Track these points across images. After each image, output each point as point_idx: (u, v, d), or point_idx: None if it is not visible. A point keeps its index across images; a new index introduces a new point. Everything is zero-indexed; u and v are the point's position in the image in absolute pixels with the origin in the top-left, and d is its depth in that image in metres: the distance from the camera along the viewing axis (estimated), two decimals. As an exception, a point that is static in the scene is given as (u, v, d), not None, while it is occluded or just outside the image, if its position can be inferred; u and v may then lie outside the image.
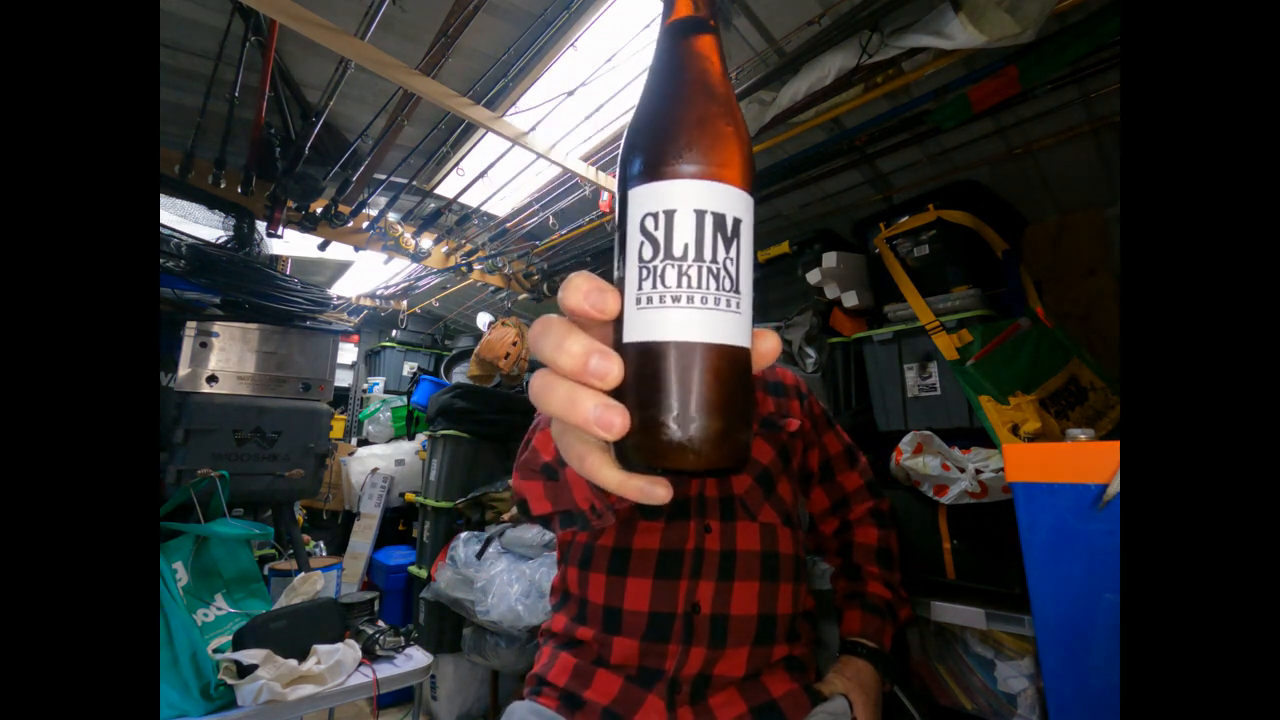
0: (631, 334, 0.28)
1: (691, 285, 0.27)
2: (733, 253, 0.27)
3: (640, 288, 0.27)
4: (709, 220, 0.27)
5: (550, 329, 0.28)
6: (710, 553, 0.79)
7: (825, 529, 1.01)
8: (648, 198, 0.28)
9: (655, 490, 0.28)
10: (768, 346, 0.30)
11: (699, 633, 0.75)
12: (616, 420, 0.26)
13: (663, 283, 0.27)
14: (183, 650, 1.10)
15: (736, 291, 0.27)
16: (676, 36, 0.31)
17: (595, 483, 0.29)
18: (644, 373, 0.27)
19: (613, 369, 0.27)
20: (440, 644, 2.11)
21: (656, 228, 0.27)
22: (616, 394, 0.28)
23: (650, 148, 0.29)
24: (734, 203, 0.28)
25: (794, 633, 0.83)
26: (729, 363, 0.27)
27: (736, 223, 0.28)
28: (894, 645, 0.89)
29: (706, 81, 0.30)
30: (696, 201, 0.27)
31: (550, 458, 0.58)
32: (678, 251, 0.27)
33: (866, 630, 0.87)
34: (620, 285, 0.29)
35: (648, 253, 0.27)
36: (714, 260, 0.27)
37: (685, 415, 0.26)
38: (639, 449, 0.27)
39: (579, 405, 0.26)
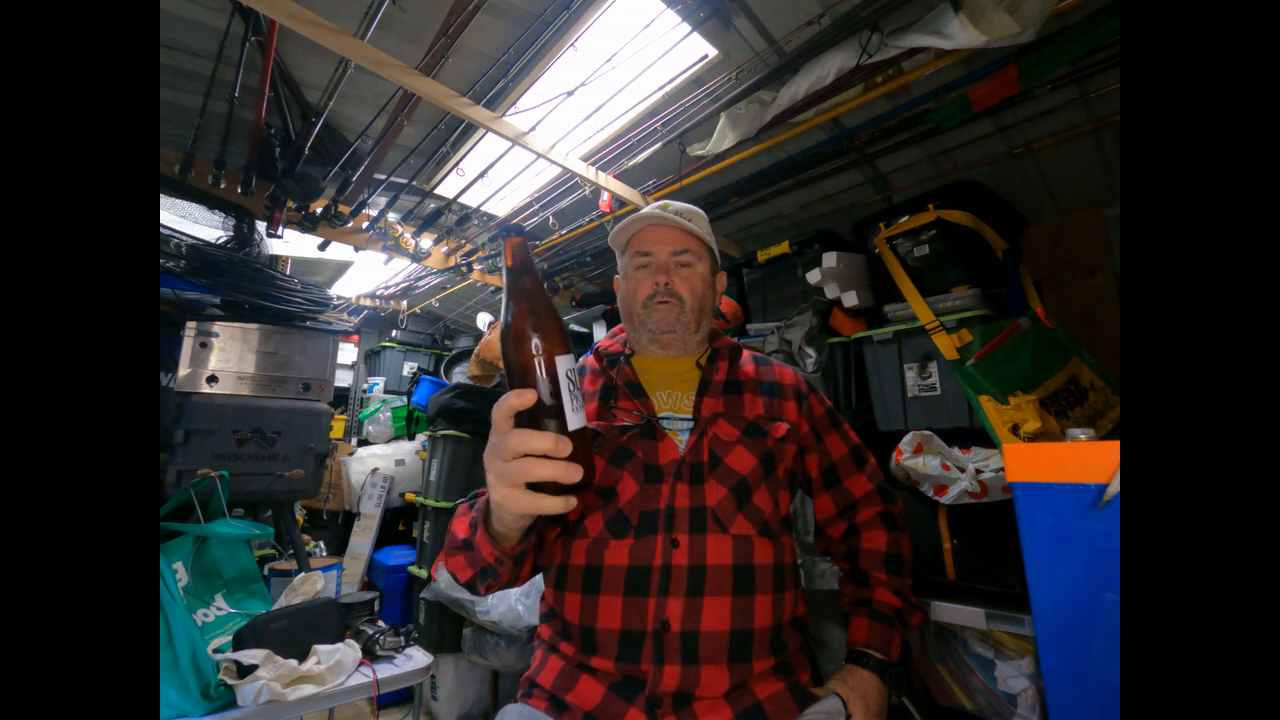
0: None
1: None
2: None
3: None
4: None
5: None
6: (678, 568, 0.77)
7: (832, 532, 0.98)
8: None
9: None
10: None
11: (669, 651, 0.74)
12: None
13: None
14: (183, 650, 1.10)
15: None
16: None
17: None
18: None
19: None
20: (440, 644, 2.11)
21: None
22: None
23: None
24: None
25: (780, 644, 0.81)
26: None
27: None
28: (901, 653, 0.87)
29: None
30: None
31: (465, 535, 0.74)
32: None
33: (873, 640, 0.85)
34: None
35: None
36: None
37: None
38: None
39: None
